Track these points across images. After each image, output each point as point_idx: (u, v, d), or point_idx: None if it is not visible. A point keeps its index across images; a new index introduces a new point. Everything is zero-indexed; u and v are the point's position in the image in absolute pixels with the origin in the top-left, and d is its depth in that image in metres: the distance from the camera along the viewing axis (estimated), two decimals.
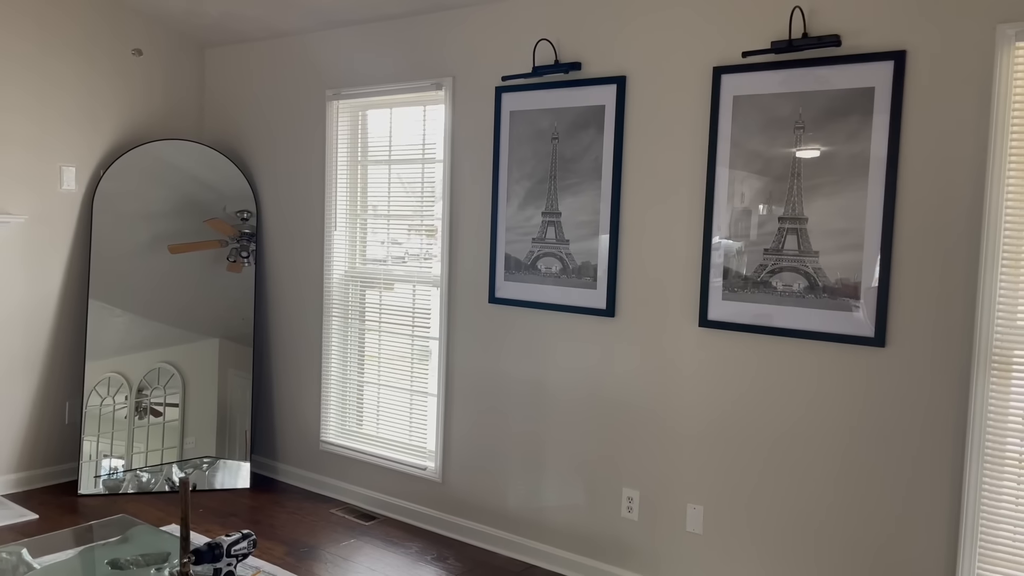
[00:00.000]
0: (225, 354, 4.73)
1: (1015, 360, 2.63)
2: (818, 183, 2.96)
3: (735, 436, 3.19)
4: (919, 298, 2.78)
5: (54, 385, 4.58)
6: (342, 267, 4.53)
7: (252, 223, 4.84)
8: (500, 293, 3.84)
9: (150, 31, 4.82)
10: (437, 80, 4.00)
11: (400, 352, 4.32)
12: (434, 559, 3.78)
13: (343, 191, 4.49)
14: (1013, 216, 2.62)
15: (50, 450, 4.59)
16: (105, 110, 4.67)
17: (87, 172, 4.62)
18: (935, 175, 2.74)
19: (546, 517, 3.73)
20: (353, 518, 4.25)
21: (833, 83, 2.90)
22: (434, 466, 4.12)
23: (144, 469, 4.54)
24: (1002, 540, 2.67)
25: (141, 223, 4.63)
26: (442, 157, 4.03)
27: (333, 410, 4.58)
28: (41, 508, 4.21)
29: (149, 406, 4.60)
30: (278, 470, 4.83)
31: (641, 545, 3.44)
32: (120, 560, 2.63)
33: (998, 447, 2.67)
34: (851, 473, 2.94)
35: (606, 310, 3.50)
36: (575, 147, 3.56)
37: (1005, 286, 2.64)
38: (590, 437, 3.58)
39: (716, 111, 3.16)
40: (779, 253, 3.06)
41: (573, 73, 3.55)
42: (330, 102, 4.46)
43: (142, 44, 4.79)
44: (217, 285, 4.75)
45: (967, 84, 2.67)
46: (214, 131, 5.09)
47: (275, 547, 3.85)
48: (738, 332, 3.16)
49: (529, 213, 3.73)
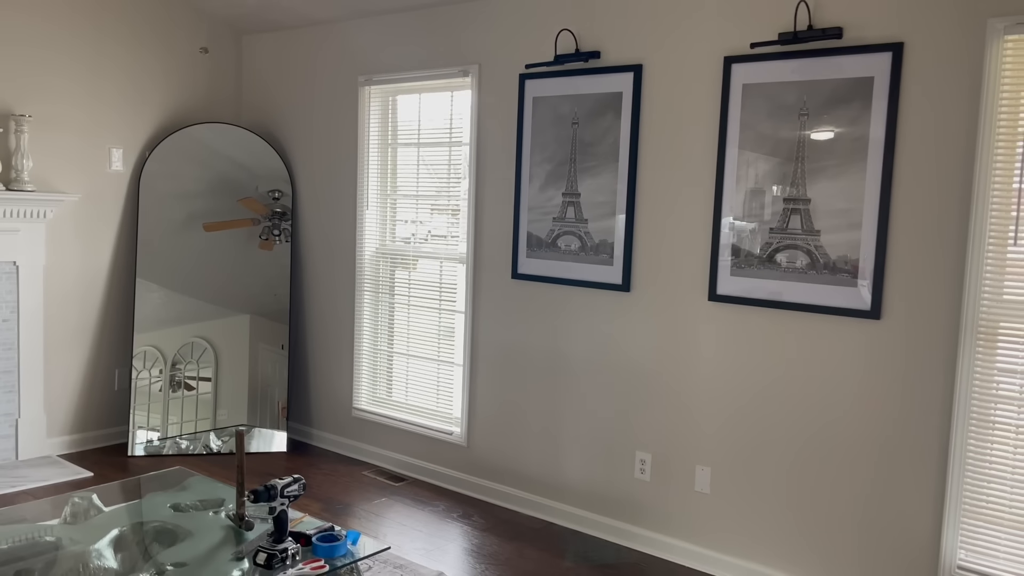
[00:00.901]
0: (257, 329, 5.00)
1: (1000, 332, 2.84)
2: (821, 166, 3.17)
3: (740, 402, 3.42)
4: (912, 274, 3.00)
5: (104, 354, 4.89)
6: (373, 245, 4.79)
7: (283, 202, 5.10)
8: (522, 269, 4.09)
9: (192, 20, 5.08)
10: (464, 67, 4.23)
11: (428, 325, 4.59)
12: (459, 517, 4.06)
13: (374, 172, 4.75)
14: (999, 197, 2.82)
15: (101, 414, 4.91)
16: (151, 94, 4.94)
17: (133, 154, 4.91)
18: (929, 159, 2.94)
19: (564, 478, 4.00)
20: (384, 479, 4.54)
21: (835, 72, 3.10)
22: (460, 431, 4.39)
23: (182, 437, 4.84)
24: (985, 499, 2.89)
25: (178, 202, 4.90)
26: (468, 140, 4.27)
27: (365, 379, 4.87)
28: (95, 467, 4.53)
29: (183, 380, 4.89)
30: (313, 436, 5.13)
31: (652, 504, 3.70)
32: (181, 504, 2.92)
33: (983, 413, 2.88)
34: (847, 436, 3.17)
35: (622, 285, 3.74)
36: (594, 132, 3.79)
37: (991, 262, 2.84)
38: (605, 404, 3.83)
39: (726, 98, 3.38)
40: (784, 232, 3.27)
41: (592, 61, 3.77)
42: (362, 87, 4.70)
43: (188, 33, 5.06)
44: (249, 263, 5.02)
45: (960, 74, 2.86)
46: (251, 115, 5.35)
47: (312, 504, 4.14)
48: (745, 306, 3.39)
49: (550, 194, 3.96)
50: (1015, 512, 2.84)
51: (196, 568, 2.44)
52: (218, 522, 2.77)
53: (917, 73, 2.94)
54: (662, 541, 3.66)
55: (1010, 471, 2.84)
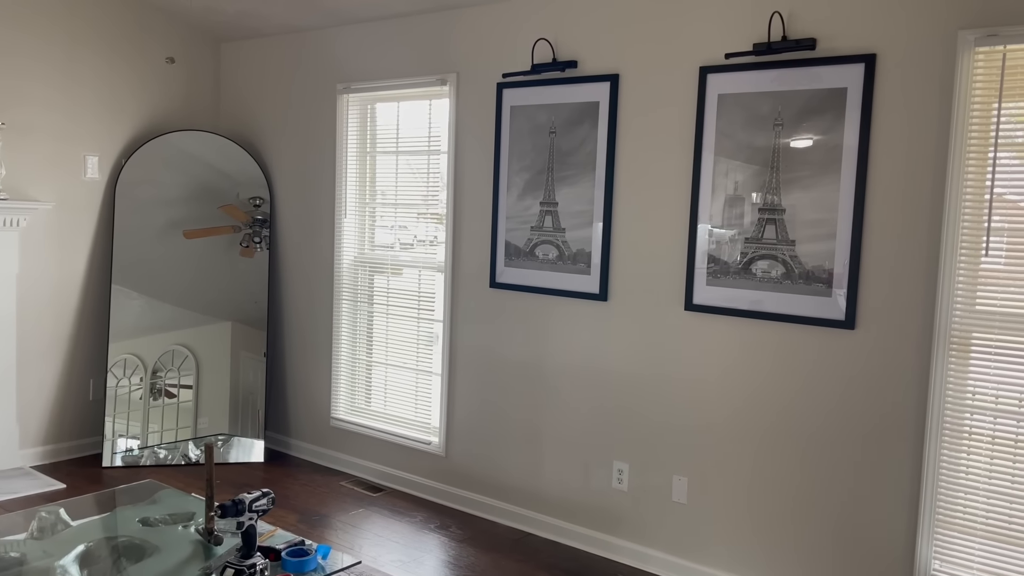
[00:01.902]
0: (238, 337, 4.97)
1: (973, 342, 2.85)
2: (795, 176, 3.17)
3: (717, 412, 3.42)
4: (886, 284, 3.00)
5: (79, 363, 4.84)
6: (352, 253, 4.77)
7: (264, 209, 5.07)
8: (500, 278, 4.07)
9: (170, 27, 5.05)
10: (442, 76, 4.22)
11: (406, 333, 4.56)
12: (437, 528, 4.03)
13: (353, 180, 4.72)
14: (971, 208, 2.83)
15: (75, 424, 4.86)
16: (127, 101, 4.90)
17: (109, 161, 4.86)
18: (902, 170, 2.95)
19: (542, 488, 3.98)
20: (361, 490, 4.51)
21: (809, 83, 3.11)
22: (438, 441, 4.37)
23: (161, 446, 4.80)
24: (958, 509, 2.89)
25: (158, 209, 4.87)
26: (446, 149, 4.26)
27: (343, 388, 4.83)
28: (68, 478, 4.47)
29: (164, 387, 4.85)
30: (290, 445, 5.09)
31: (630, 514, 3.69)
32: (150, 518, 2.88)
33: (956, 423, 2.89)
34: (823, 445, 3.17)
35: (599, 294, 3.73)
36: (571, 141, 3.78)
37: (963, 273, 2.85)
38: (583, 413, 3.82)
39: (702, 108, 3.38)
40: (759, 242, 3.27)
41: (569, 71, 3.77)
42: (340, 95, 4.68)
43: (164, 40, 5.02)
44: (230, 270, 4.98)
45: (931, 86, 2.87)
46: (230, 122, 5.32)
47: (288, 515, 4.10)
48: (721, 315, 3.39)
49: (528, 203, 3.95)
50: (990, 522, 2.84)
51: None
52: (187, 537, 2.74)
53: (890, 84, 2.95)
54: (639, 551, 3.65)
55: (985, 481, 2.85)
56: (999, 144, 2.77)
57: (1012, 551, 2.81)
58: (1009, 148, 2.76)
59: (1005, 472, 2.81)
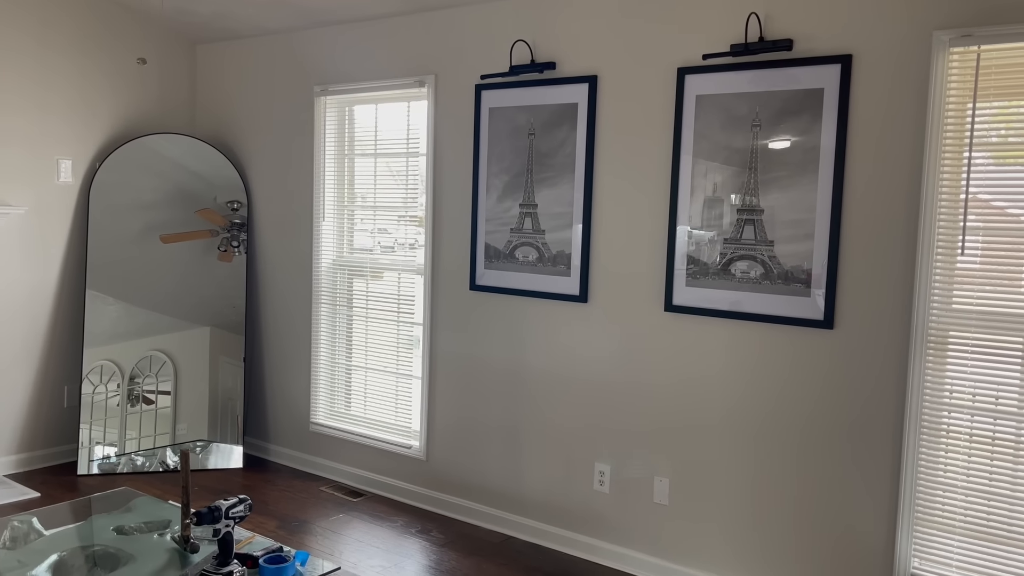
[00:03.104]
0: (216, 342, 4.91)
1: (950, 341, 2.87)
2: (773, 177, 3.18)
3: (698, 411, 3.42)
4: (864, 283, 3.01)
5: (53, 370, 4.76)
6: (330, 256, 4.73)
7: (242, 213, 5.02)
8: (480, 280, 4.05)
9: (143, 29, 4.99)
10: (420, 78, 4.20)
11: (386, 337, 4.53)
12: (418, 532, 4.00)
13: (331, 183, 4.69)
14: (947, 207, 2.85)
15: (50, 432, 4.78)
16: (100, 104, 4.84)
17: (83, 165, 4.80)
18: (878, 170, 2.97)
19: (524, 491, 3.96)
20: (342, 495, 4.47)
21: (786, 84, 3.12)
22: (418, 445, 4.34)
23: (138, 453, 4.73)
24: (936, 506, 2.91)
25: (134, 214, 4.81)
26: (425, 151, 4.24)
27: (322, 393, 4.79)
28: (42, 487, 4.40)
29: (141, 394, 4.78)
30: (270, 451, 5.04)
31: (612, 516, 3.68)
32: (124, 527, 2.83)
33: (934, 421, 2.90)
34: (803, 445, 3.18)
35: (579, 296, 3.72)
36: (550, 142, 3.77)
37: (940, 273, 2.87)
38: (564, 415, 3.81)
39: (680, 110, 3.38)
40: (737, 242, 3.28)
41: (548, 72, 3.76)
42: (318, 97, 4.65)
43: (137, 42, 4.96)
44: (208, 274, 4.93)
45: (907, 86, 2.89)
46: (206, 125, 5.26)
47: (267, 521, 4.06)
48: (700, 316, 3.39)
49: (507, 205, 3.93)
50: (968, 520, 2.86)
51: None
52: (163, 545, 2.69)
53: (866, 85, 2.97)
54: (621, 553, 3.64)
55: (964, 479, 2.86)
56: (974, 144, 2.79)
57: (990, 548, 2.83)
58: (983, 148, 2.78)
59: (983, 470, 2.83)
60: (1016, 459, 2.78)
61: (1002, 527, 2.81)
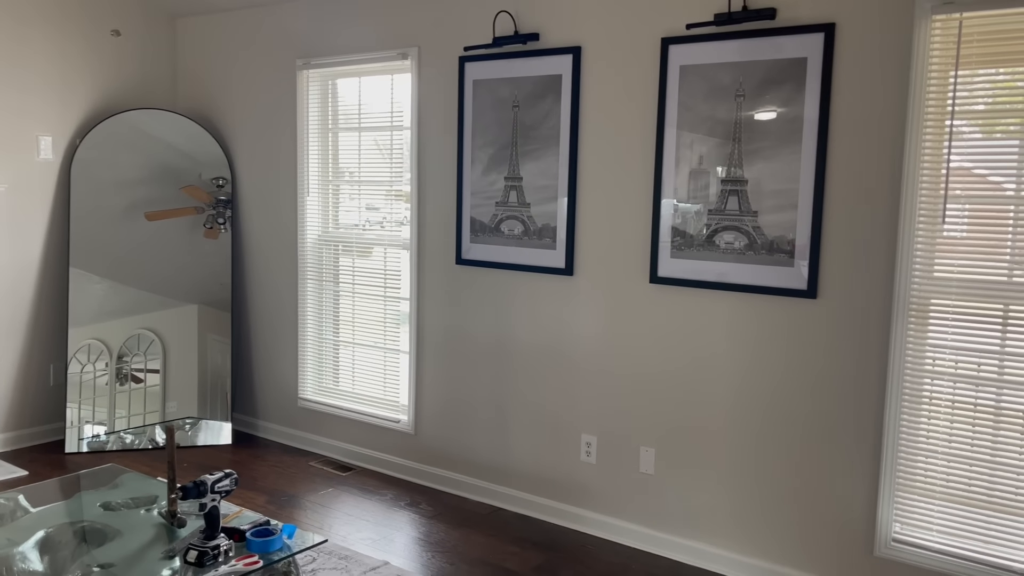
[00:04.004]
0: (205, 319, 4.90)
1: (931, 309, 2.88)
2: (757, 147, 3.17)
3: (683, 382, 3.44)
4: (847, 253, 3.02)
5: (38, 349, 4.74)
6: (315, 231, 4.71)
7: (228, 190, 4.99)
8: (466, 255, 4.05)
9: (121, 2, 4.91)
10: (403, 50, 4.16)
11: (373, 312, 4.53)
12: (407, 505, 4.03)
13: (315, 158, 4.66)
14: (929, 176, 2.85)
15: (37, 411, 4.77)
16: (79, 80, 4.78)
17: (63, 141, 4.75)
18: (861, 139, 2.96)
19: (511, 463, 3.99)
20: (331, 469, 4.49)
21: (770, 54, 3.10)
22: (407, 419, 4.36)
23: (127, 431, 4.73)
24: (918, 473, 2.95)
25: (118, 191, 4.76)
26: (409, 124, 4.21)
27: (310, 369, 4.79)
28: (30, 465, 4.40)
29: (130, 372, 4.77)
30: (258, 427, 5.05)
31: (599, 486, 3.71)
32: (112, 503, 2.84)
33: (915, 388, 2.93)
34: (787, 413, 3.20)
35: (565, 269, 3.72)
36: (535, 115, 3.75)
37: (921, 241, 2.88)
38: (551, 387, 3.82)
39: (664, 80, 3.36)
40: (722, 213, 3.28)
41: (531, 43, 3.73)
42: (300, 71, 4.60)
43: (113, 15, 4.89)
44: (194, 252, 4.90)
45: (889, 54, 2.88)
46: (188, 100, 5.21)
47: (256, 496, 4.08)
48: (685, 287, 3.40)
49: (492, 178, 3.92)
50: (950, 485, 2.90)
51: (124, 568, 2.37)
52: (150, 520, 2.71)
53: (848, 53, 2.96)
54: (608, 523, 3.68)
55: (945, 445, 2.89)
56: (956, 112, 2.79)
57: (971, 512, 2.87)
58: (965, 116, 2.78)
59: (964, 436, 2.86)
60: (996, 425, 2.81)
61: (982, 492, 2.84)
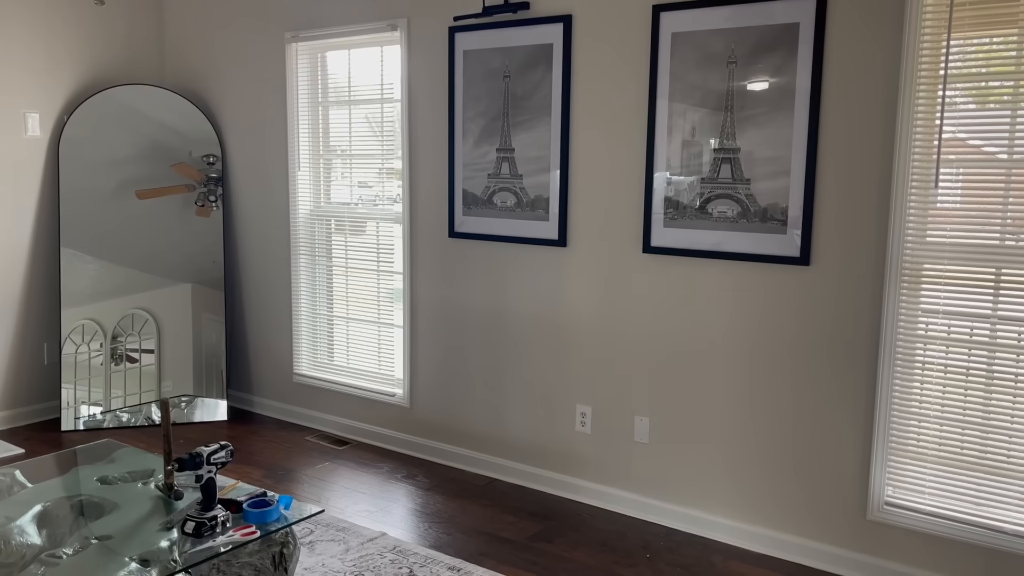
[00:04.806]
0: (198, 298, 4.88)
1: (924, 274, 2.89)
2: (749, 114, 3.16)
3: (676, 351, 3.45)
4: (839, 219, 3.02)
5: (31, 328, 4.73)
6: (307, 207, 4.69)
7: (218, 167, 4.96)
8: (459, 227, 4.03)
9: None
10: (392, 21, 4.12)
11: (366, 286, 4.52)
12: (404, 477, 4.05)
13: (305, 132, 4.62)
14: (921, 141, 2.85)
15: (32, 390, 4.77)
16: (66, 54, 4.72)
17: (51, 118, 4.70)
18: (853, 105, 2.95)
19: (507, 435, 4.00)
20: (327, 444, 4.50)
21: (762, 19, 3.08)
22: (402, 392, 4.37)
23: (123, 409, 4.73)
24: (911, 437, 2.97)
25: (107, 169, 4.73)
26: (400, 97, 4.17)
27: (304, 344, 4.79)
28: (27, 444, 4.41)
29: (125, 353, 4.77)
30: (254, 403, 5.06)
31: (594, 456, 3.73)
32: (108, 477, 2.85)
33: (908, 353, 2.94)
34: (781, 380, 3.22)
35: (558, 240, 3.71)
36: (526, 85, 3.73)
37: (914, 206, 2.88)
38: (545, 358, 3.83)
39: (656, 48, 3.34)
40: (714, 182, 3.27)
41: (521, 12, 3.69)
42: (289, 44, 4.55)
43: None
44: (187, 230, 4.88)
45: (882, 17, 2.86)
46: (176, 75, 5.16)
47: (253, 471, 4.09)
48: (679, 256, 3.40)
49: (484, 150, 3.90)
50: (943, 449, 2.92)
51: (122, 540, 2.38)
52: (147, 493, 2.71)
53: (840, 18, 2.94)
54: (604, 492, 3.70)
55: (938, 409, 2.91)
56: (948, 77, 2.78)
57: (963, 475, 2.89)
58: (958, 80, 2.77)
59: (957, 400, 2.88)
60: (989, 388, 2.83)
61: (975, 454, 2.87)
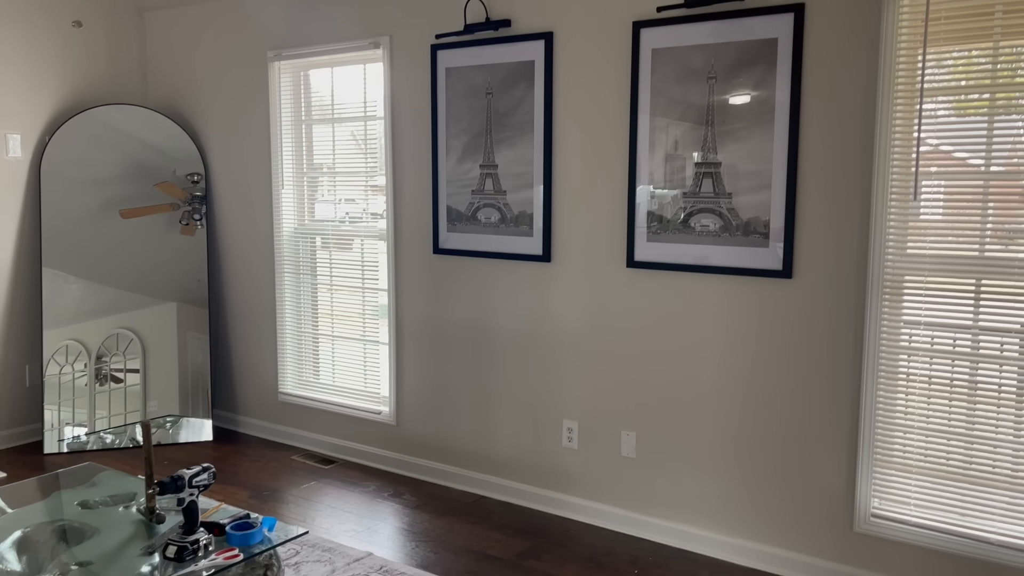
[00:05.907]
0: (184, 317, 4.85)
1: (905, 285, 2.91)
2: (730, 129, 3.18)
3: (661, 364, 3.45)
4: (821, 232, 3.04)
5: (13, 350, 4.69)
6: (291, 224, 4.68)
7: (203, 185, 4.94)
8: (444, 244, 4.03)
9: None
10: (375, 39, 4.13)
11: (351, 304, 4.51)
12: (391, 495, 4.02)
13: (289, 150, 4.62)
14: (900, 154, 2.87)
15: (13, 412, 4.72)
16: (49, 74, 4.71)
17: (33, 139, 4.68)
18: (832, 119, 2.98)
19: (494, 451, 3.99)
20: (313, 463, 4.47)
21: (741, 35, 3.11)
22: (388, 410, 4.35)
23: (108, 431, 4.69)
24: (896, 448, 2.98)
25: (91, 189, 4.71)
26: (383, 114, 4.18)
27: (290, 363, 4.77)
28: (9, 467, 4.35)
29: (109, 373, 4.73)
30: (239, 423, 5.02)
31: (581, 471, 3.72)
32: (89, 501, 2.82)
33: (891, 365, 2.96)
34: (765, 393, 3.22)
35: (542, 256, 3.72)
36: (508, 102, 3.74)
37: (894, 218, 2.90)
38: (532, 374, 3.83)
39: (636, 64, 3.36)
40: (696, 196, 3.29)
41: (503, 30, 3.71)
42: (271, 63, 4.55)
43: (82, 8, 4.82)
44: (171, 249, 4.86)
45: (858, 33, 2.89)
46: (159, 95, 5.15)
47: (238, 491, 4.06)
48: (662, 271, 3.41)
49: (468, 166, 3.90)
50: (928, 460, 2.93)
51: (103, 565, 2.35)
52: (128, 517, 2.68)
53: (818, 33, 2.97)
54: (591, 507, 3.69)
55: (923, 420, 2.92)
56: (925, 90, 2.80)
57: (948, 486, 2.90)
58: (935, 94, 2.80)
59: (942, 411, 2.89)
60: (972, 399, 2.84)
61: (960, 466, 2.88)
